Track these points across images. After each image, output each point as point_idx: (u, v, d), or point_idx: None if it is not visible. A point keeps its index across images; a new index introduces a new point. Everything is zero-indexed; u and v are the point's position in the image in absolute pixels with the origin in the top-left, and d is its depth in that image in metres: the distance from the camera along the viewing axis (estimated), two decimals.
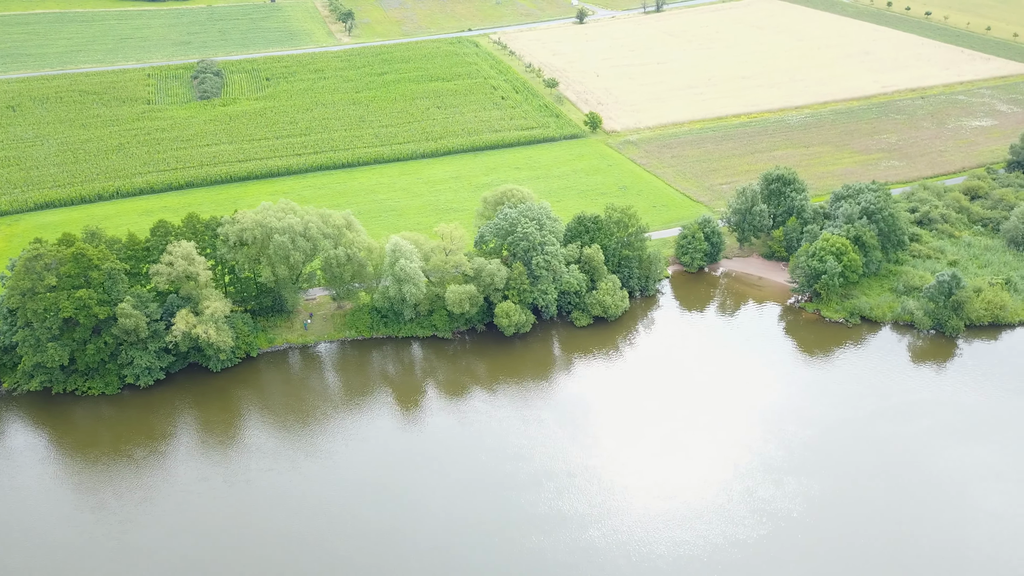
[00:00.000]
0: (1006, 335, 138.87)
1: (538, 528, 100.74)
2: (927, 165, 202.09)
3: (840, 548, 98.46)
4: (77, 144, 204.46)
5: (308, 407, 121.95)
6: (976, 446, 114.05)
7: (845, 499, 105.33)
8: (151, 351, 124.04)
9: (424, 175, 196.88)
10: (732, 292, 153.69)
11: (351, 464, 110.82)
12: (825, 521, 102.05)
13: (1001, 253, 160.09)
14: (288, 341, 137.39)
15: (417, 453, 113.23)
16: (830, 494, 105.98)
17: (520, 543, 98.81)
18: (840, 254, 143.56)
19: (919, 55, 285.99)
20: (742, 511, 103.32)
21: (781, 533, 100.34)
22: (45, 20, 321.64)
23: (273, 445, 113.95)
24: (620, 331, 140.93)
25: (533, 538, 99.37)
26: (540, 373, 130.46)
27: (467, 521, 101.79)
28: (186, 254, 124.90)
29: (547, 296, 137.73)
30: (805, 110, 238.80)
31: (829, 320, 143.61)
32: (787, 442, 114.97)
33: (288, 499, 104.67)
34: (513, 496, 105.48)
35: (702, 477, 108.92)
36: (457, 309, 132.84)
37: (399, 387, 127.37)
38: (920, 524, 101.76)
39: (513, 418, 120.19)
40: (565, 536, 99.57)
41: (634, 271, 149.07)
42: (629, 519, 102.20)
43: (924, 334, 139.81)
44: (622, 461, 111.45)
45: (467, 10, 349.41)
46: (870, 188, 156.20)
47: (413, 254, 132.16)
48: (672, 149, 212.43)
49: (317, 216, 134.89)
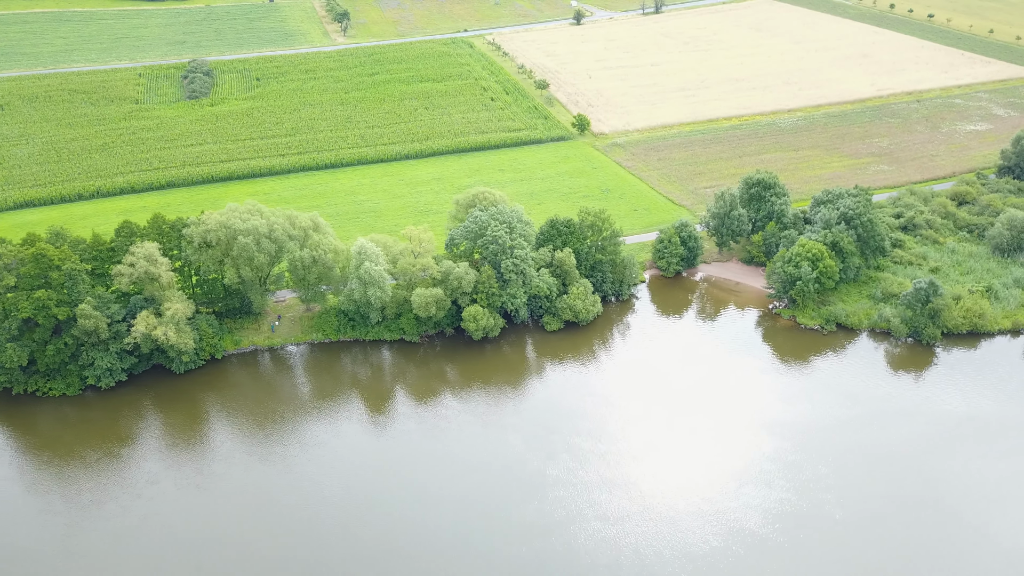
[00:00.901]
0: (984, 344, 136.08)
1: (503, 536, 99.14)
2: (917, 170, 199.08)
3: (811, 562, 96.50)
4: (61, 143, 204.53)
5: (267, 411, 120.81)
6: (949, 457, 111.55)
7: (813, 511, 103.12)
8: (112, 352, 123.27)
9: (406, 176, 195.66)
10: (708, 297, 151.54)
11: (305, 469, 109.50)
12: (794, 532, 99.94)
13: (985, 260, 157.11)
14: (254, 343, 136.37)
15: (373, 458, 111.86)
16: (796, 505, 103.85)
17: (485, 550, 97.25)
18: (816, 260, 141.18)
19: (918, 58, 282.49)
20: (710, 521, 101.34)
21: (751, 545, 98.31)
22: (43, 19, 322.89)
23: (227, 449, 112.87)
24: (591, 336, 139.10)
25: (499, 546, 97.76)
26: (506, 378, 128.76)
27: (427, 527, 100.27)
28: (148, 255, 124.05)
29: (516, 300, 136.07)
30: (797, 113, 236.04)
31: (804, 327, 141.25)
32: (753, 451, 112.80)
33: (237, 504, 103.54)
34: (477, 503, 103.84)
35: (668, 485, 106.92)
36: (423, 313, 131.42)
37: (361, 391, 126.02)
38: (897, 531, 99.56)
39: (475, 424, 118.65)
40: (529, 544, 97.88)
41: (607, 275, 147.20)
42: (595, 526, 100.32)
43: (900, 342, 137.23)
44: (587, 468, 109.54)
45: (465, 11, 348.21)
46: (850, 193, 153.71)
47: (379, 257, 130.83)
48: (659, 152, 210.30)
49: (283, 218, 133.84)
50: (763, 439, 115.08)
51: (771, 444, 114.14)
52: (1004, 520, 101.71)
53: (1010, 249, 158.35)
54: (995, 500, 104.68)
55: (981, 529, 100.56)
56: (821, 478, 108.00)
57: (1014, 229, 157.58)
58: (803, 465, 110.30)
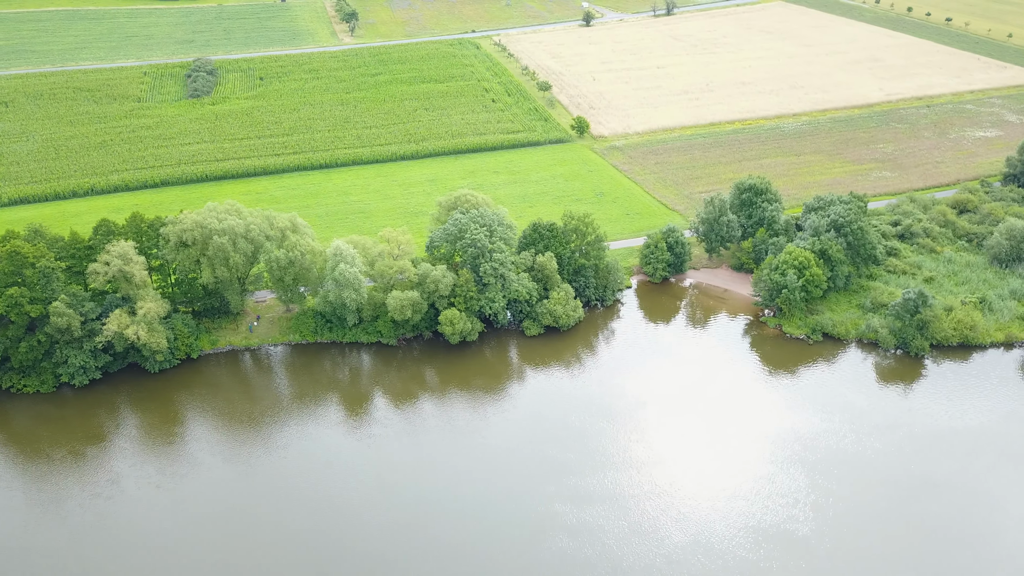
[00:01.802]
0: (974, 357, 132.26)
1: (475, 541, 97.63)
2: (920, 176, 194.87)
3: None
4: (60, 141, 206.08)
5: (237, 412, 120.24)
6: (923, 472, 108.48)
7: (786, 527, 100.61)
8: (86, 351, 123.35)
9: (400, 177, 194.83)
10: (694, 304, 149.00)
11: (268, 470, 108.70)
12: (772, 546, 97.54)
13: (982, 270, 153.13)
14: (231, 343, 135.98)
15: (339, 462, 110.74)
16: (769, 519, 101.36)
17: (457, 554, 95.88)
18: (802, 268, 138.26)
19: (930, 62, 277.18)
20: (689, 532, 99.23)
21: (724, 560, 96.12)
22: (56, 17, 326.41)
23: (191, 450, 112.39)
24: (571, 342, 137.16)
25: (470, 551, 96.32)
26: (482, 383, 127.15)
27: (398, 531, 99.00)
28: (122, 253, 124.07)
29: (495, 304, 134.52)
30: (802, 117, 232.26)
31: (790, 336, 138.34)
32: (726, 462, 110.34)
33: (194, 505, 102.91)
34: (449, 508, 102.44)
35: (643, 492, 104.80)
36: (399, 316, 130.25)
37: (334, 394, 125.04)
38: (874, 545, 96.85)
39: (447, 428, 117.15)
40: (501, 550, 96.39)
41: (590, 280, 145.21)
42: (564, 541, 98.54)
43: (888, 353, 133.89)
44: (559, 476, 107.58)
45: (475, 11, 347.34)
46: (841, 200, 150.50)
47: (355, 259, 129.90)
48: (658, 155, 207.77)
49: (261, 218, 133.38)
50: (734, 448, 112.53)
51: (742, 454, 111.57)
52: (985, 531, 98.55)
53: (1009, 259, 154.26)
54: (971, 512, 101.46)
55: (963, 540, 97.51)
56: (793, 491, 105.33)
57: (1013, 239, 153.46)
58: (775, 477, 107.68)
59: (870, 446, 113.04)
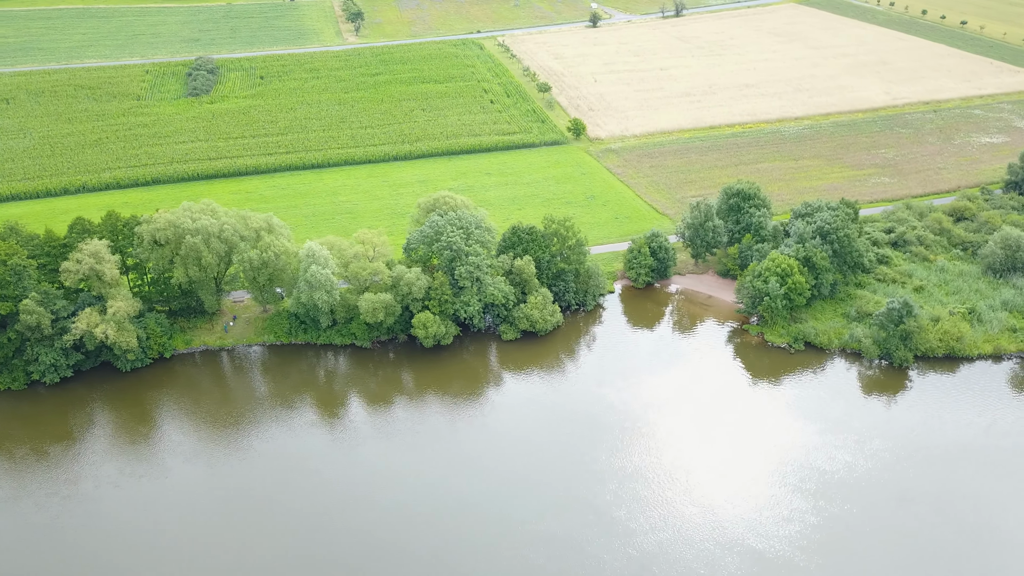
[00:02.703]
0: (960, 369, 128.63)
1: (436, 545, 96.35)
2: (919, 183, 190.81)
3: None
4: (57, 138, 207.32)
5: (204, 412, 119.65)
6: (894, 486, 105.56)
7: (750, 542, 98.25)
8: (57, 348, 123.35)
9: (391, 178, 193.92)
10: (677, 310, 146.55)
11: (228, 474, 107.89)
12: (728, 556, 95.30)
13: (975, 280, 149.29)
14: (205, 343, 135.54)
15: (303, 467, 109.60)
16: (739, 531, 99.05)
17: (414, 558, 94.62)
18: (785, 276, 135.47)
19: (941, 66, 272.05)
20: (654, 539, 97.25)
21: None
22: (67, 15, 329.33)
23: (154, 450, 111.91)
24: (547, 347, 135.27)
25: (430, 556, 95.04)
26: (453, 388, 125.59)
27: (356, 537, 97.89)
28: (94, 252, 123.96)
29: (469, 308, 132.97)
30: (804, 121, 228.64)
31: (772, 344, 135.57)
32: (698, 472, 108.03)
33: (151, 505, 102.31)
34: (412, 512, 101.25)
35: (605, 501, 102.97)
36: (371, 318, 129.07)
37: (302, 397, 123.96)
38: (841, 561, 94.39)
39: (411, 433, 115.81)
40: (463, 564, 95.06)
41: (570, 285, 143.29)
42: (526, 552, 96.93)
43: (871, 364, 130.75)
44: (525, 483, 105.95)
45: (482, 12, 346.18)
46: (829, 207, 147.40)
47: (328, 260, 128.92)
48: (653, 159, 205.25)
49: (235, 218, 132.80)
50: (706, 459, 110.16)
51: (714, 465, 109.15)
52: (955, 545, 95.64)
53: (1003, 269, 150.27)
54: (942, 525, 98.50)
55: (936, 554, 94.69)
56: (762, 503, 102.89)
57: (1008, 248, 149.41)
58: (747, 489, 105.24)
59: (840, 458, 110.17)
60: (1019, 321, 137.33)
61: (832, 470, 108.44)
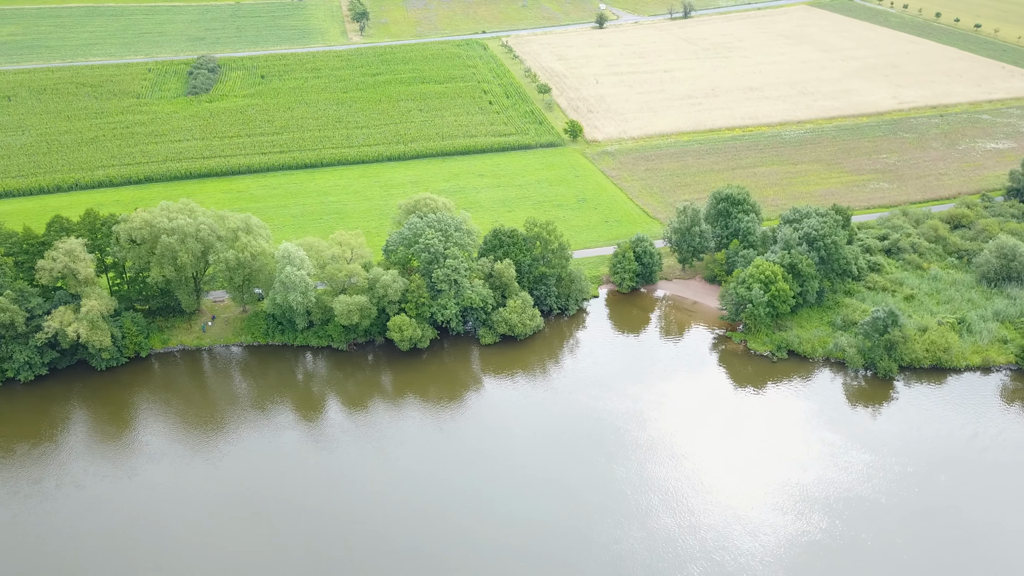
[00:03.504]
0: (947, 381, 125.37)
1: (383, 552, 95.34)
2: (919, 189, 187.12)
3: None
4: (54, 135, 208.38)
5: (175, 413, 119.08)
6: (857, 502, 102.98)
7: (716, 556, 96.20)
8: (31, 346, 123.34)
9: (383, 179, 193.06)
10: (661, 316, 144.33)
11: (191, 476, 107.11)
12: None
13: (968, 289, 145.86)
14: (183, 343, 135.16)
15: (264, 470, 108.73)
16: (710, 543, 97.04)
17: (366, 562, 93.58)
18: (768, 283, 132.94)
19: (951, 69, 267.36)
20: (626, 544, 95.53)
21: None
22: (76, 13, 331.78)
23: (119, 450, 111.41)
24: (525, 352, 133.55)
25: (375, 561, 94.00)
26: (427, 392, 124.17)
27: (316, 541, 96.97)
28: (70, 250, 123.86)
29: (446, 311, 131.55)
30: (807, 125, 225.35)
31: (755, 352, 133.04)
32: (657, 483, 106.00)
33: (112, 507, 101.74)
34: (363, 518, 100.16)
35: (567, 510, 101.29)
36: (345, 320, 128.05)
37: (275, 400, 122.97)
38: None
39: (376, 437, 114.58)
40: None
41: (551, 289, 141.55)
42: (481, 558, 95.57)
43: (855, 374, 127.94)
44: (494, 491, 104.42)
45: (489, 12, 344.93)
46: (818, 213, 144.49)
47: (304, 261, 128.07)
48: (649, 162, 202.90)
49: (213, 218, 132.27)
50: (674, 469, 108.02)
51: (683, 475, 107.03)
52: (921, 557, 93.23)
53: (998, 279, 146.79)
54: (916, 540, 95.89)
55: (912, 564, 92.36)
56: (730, 512, 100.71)
57: (1003, 257, 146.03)
58: (713, 498, 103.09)
59: (813, 471, 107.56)
60: (1011, 332, 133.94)
61: (803, 483, 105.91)
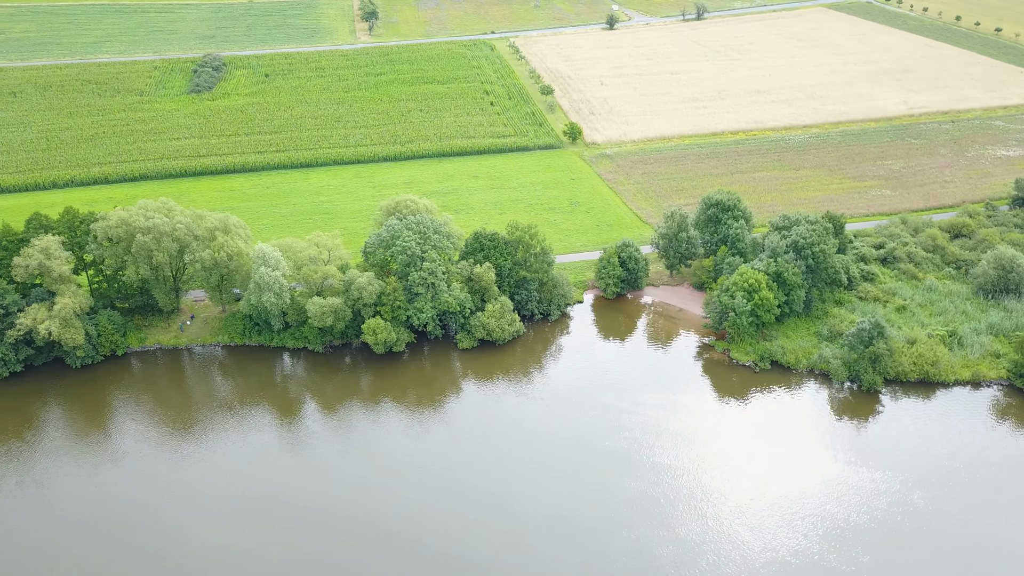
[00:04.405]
0: (935, 395, 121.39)
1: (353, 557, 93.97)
2: (922, 197, 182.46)
3: None
4: (54, 132, 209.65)
5: (146, 413, 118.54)
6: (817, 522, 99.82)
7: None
8: (6, 343, 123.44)
9: (377, 179, 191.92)
10: (644, 323, 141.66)
11: (152, 476, 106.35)
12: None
13: (963, 301, 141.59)
14: (160, 342, 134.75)
15: (226, 472, 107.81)
16: (677, 559, 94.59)
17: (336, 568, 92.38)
18: (752, 291, 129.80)
19: (967, 74, 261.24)
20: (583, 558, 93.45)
21: None
22: (91, 11, 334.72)
23: (84, 448, 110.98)
24: (502, 358, 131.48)
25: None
26: (397, 396, 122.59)
27: (269, 547, 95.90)
28: (44, 247, 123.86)
29: (422, 315, 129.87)
30: (812, 129, 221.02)
31: (737, 362, 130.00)
32: (617, 496, 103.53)
33: (73, 507, 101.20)
34: (332, 522, 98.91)
35: (532, 521, 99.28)
36: (319, 323, 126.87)
37: (246, 401, 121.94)
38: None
39: (338, 441, 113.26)
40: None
41: (532, 294, 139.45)
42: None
43: (839, 387, 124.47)
44: (460, 500, 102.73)
45: (501, 12, 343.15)
46: (807, 220, 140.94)
47: (279, 262, 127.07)
48: (647, 165, 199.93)
49: (191, 217, 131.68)
50: (640, 481, 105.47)
51: (650, 488, 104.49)
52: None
53: (995, 290, 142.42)
54: (887, 562, 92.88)
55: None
56: (695, 528, 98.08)
57: (1001, 268, 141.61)
58: (674, 512, 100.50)
59: (783, 486, 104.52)
60: (1004, 346, 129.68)
61: (771, 499, 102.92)
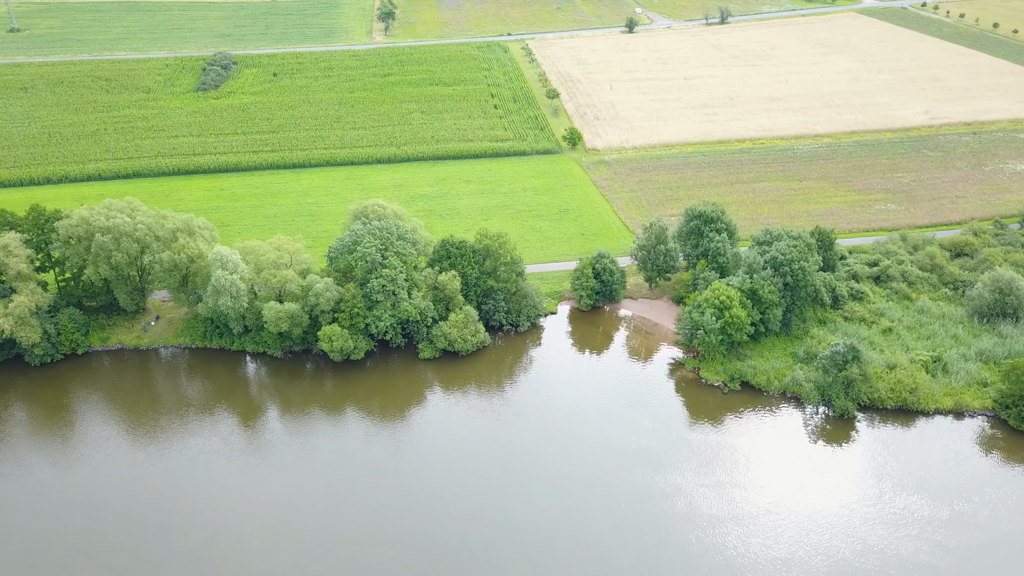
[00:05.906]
0: (914, 424, 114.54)
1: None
2: (928, 212, 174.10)
3: None
4: (55, 128, 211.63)
5: (97, 412, 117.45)
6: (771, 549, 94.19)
7: None
8: None
9: (368, 181, 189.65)
10: (618, 337, 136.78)
11: (97, 477, 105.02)
12: None
13: (955, 324, 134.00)
14: (121, 342, 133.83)
15: (170, 475, 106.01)
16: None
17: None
18: (723, 308, 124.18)
19: (998, 84, 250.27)
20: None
21: None
22: (116, 8, 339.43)
23: (25, 448, 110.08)
24: (463, 369, 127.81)
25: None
26: (353, 405, 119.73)
27: (199, 548, 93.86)
28: (4, 244, 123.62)
29: (381, 323, 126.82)
30: (824, 139, 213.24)
31: (706, 382, 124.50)
32: (561, 515, 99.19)
33: (14, 508, 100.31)
34: (278, 535, 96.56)
35: (464, 542, 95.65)
36: (275, 328, 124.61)
37: (201, 404, 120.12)
38: None
39: (281, 449, 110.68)
40: None
41: (500, 304, 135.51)
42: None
43: (813, 411, 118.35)
44: (410, 513, 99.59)
45: (521, 14, 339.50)
46: (789, 235, 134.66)
47: (237, 265, 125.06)
48: (645, 172, 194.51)
49: (154, 217, 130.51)
50: (587, 504, 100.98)
51: (600, 511, 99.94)
52: None
53: (991, 314, 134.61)
54: None
55: None
56: (636, 551, 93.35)
57: (998, 291, 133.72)
58: (617, 537, 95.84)
59: (726, 524, 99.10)
60: (992, 374, 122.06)
61: (712, 538, 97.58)
